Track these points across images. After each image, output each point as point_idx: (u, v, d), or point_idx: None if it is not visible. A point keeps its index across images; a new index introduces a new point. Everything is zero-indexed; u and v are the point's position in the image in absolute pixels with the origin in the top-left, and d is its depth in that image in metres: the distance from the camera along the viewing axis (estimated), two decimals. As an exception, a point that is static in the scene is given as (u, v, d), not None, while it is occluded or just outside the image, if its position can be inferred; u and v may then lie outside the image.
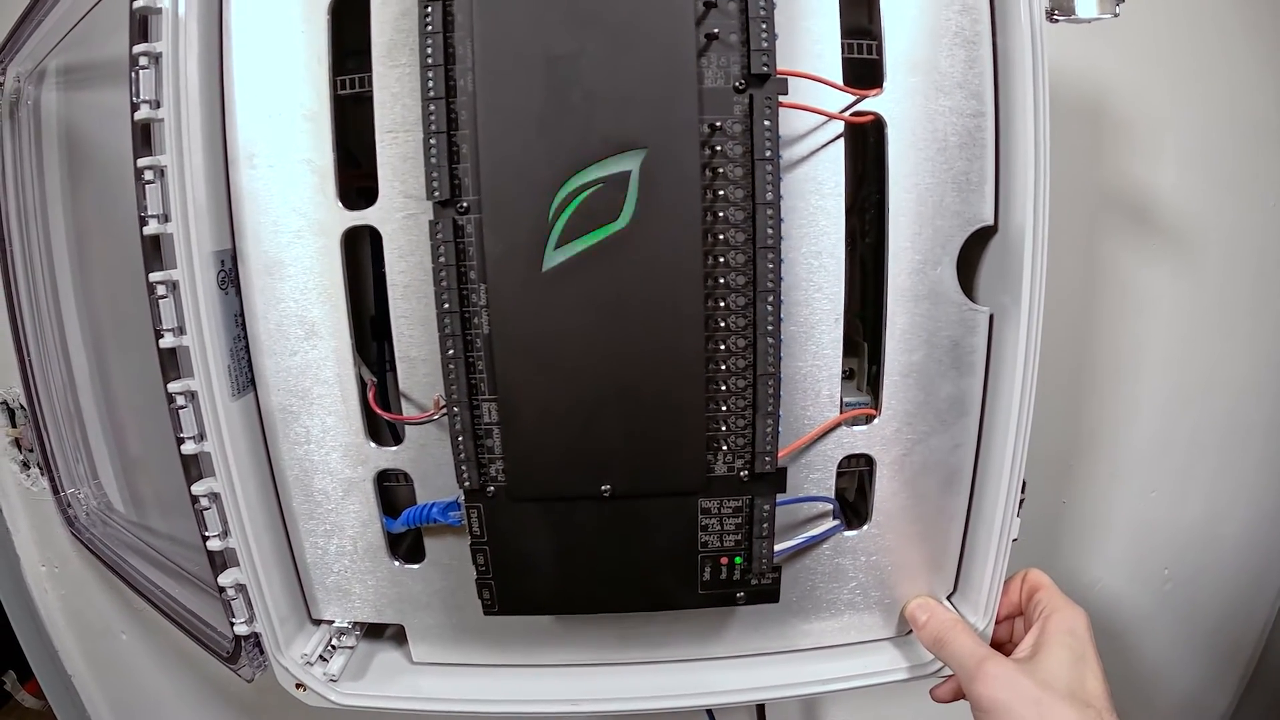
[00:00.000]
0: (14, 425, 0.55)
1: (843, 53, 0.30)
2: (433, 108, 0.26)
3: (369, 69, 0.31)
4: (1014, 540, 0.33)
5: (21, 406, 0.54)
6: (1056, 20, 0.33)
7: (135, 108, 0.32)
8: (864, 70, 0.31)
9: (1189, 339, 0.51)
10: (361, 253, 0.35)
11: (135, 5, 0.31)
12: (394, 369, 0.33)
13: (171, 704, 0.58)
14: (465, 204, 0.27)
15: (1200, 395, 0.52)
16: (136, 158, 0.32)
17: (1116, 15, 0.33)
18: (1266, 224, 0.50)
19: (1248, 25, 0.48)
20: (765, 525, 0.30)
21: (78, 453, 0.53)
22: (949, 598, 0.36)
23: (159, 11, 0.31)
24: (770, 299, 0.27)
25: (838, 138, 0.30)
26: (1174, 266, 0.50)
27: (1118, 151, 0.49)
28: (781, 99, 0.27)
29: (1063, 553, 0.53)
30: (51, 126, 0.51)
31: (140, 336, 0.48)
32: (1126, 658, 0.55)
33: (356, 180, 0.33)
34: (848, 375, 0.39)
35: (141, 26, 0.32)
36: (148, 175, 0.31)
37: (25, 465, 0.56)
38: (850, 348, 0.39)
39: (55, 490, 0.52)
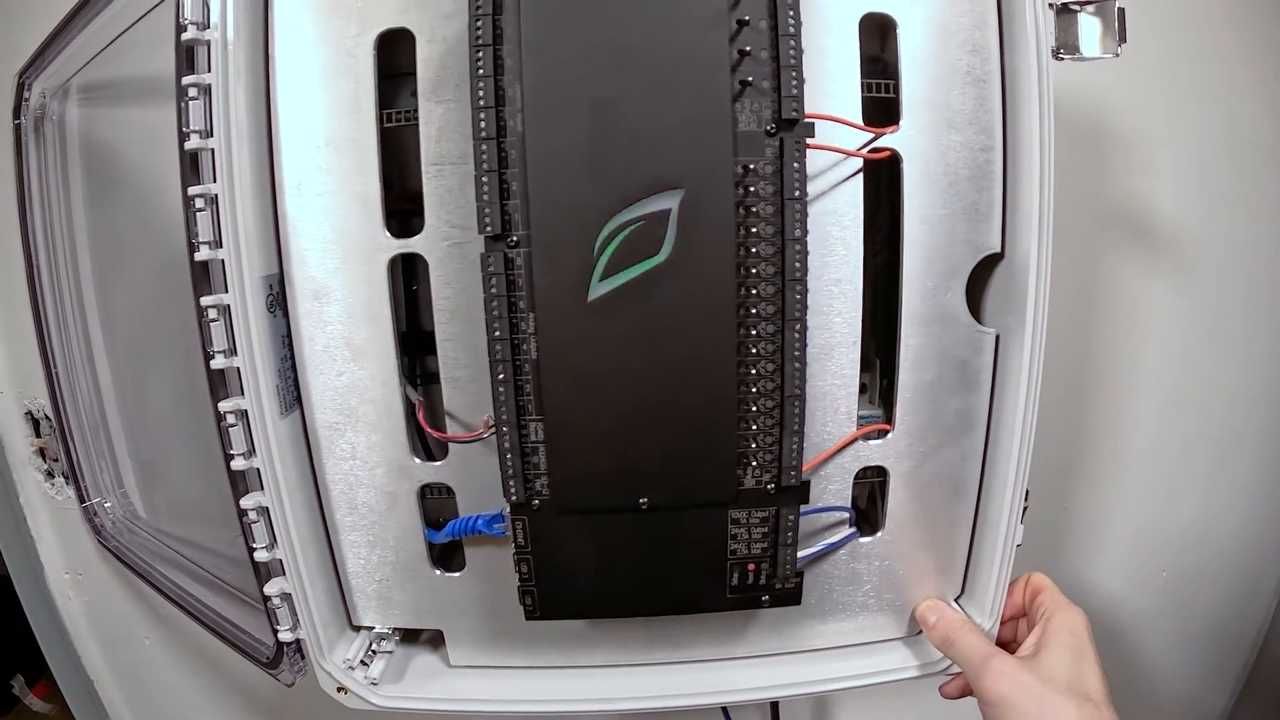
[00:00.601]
0: (38, 435, 0.56)
1: (862, 92, 0.32)
2: (484, 147, 0.28)
3: (398, 95, 0.32)
4: (1018, 545, 0.36)
5: (46, 417, 0.55)
6: (1062, 58, 0.35)
7: (185, 137, 0.33)
8: (882, 107, 0.33)
9: (1186, 348, 0.53)
10: (394, 271, 0.36)
11: (183, 37, 0.32)
12: (425, 382, 0.35)
13: (195, 708, 0.59)
14: (515, 238, 0.28)
15: (1197, 402, 0.54)
16: (186, 186, 0.33)
17: (1118, 55, 0.35)
18: (1262, 238, 0.52)
19: (1245, 46, 0.50)
20: (790, 534, 0.32)
21: (103, 462, 0.54)
22: (957, 600, 0.38)
23: (206, 44, 0.32)
24: (798, 327, 0.29)
25: (857, 173, 0.32)
26: (1172, 278, 0.52)
27: (1118, 168, 0.51)
28: (808, 141, 0.29)
29: (1064, 554, 0.55)
30: (74, 141, 0.52)
31: (165, 347, 0.50)
32: (1126, 657, 0.57)
33: (392, 202, 0.35)
34: (860, 389, 0.41)
35: (188, 57, 0.33)
36: (198, 203, 0.32)
37: (49, 474, 0.57)
38: (863, 363, 0.41)
39: (81, 499, 0.53)
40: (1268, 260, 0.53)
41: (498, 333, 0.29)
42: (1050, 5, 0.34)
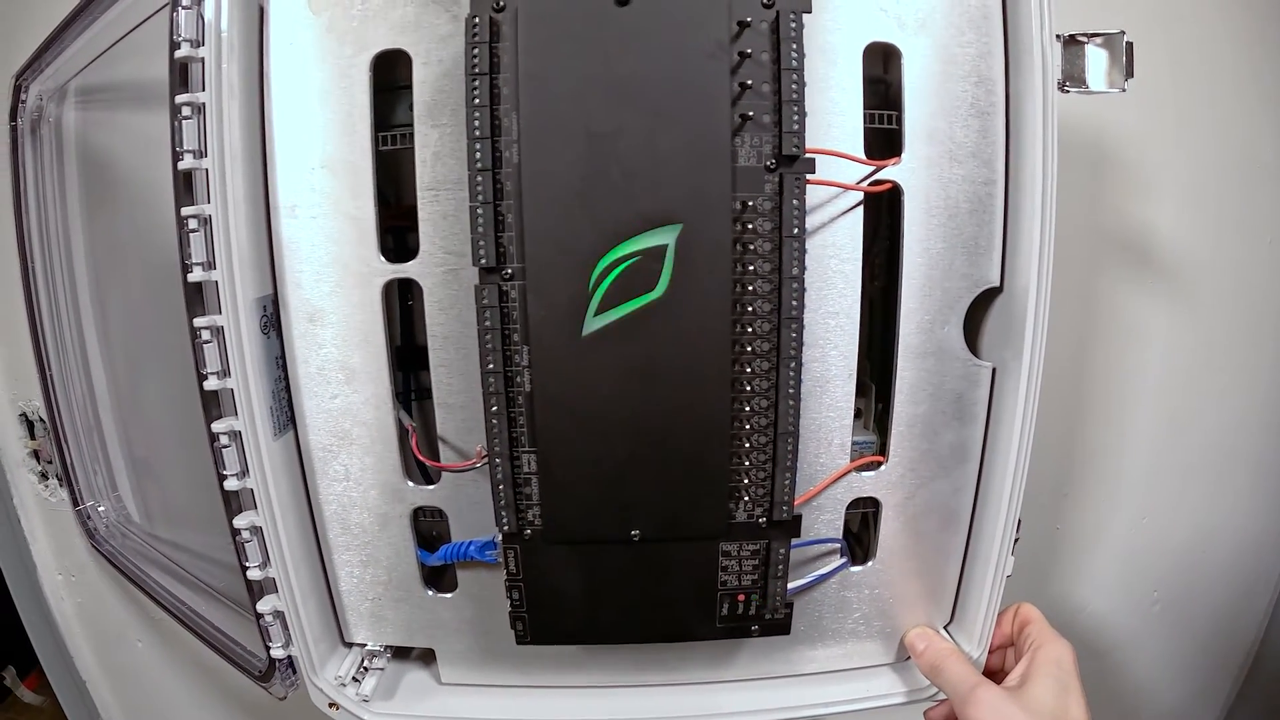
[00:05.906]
0: (33, 438, 0.56)
1: (865, 123, 0.32)
2: (480, 179, 0.28)
3: (396, 109, 0.32)
4: (1008, 576, 0.36)
5: (41, 419, 0.55)
6: (1068, 91, 0.34)
7: (178, 157, 0.32)
8: (884, 138, 0.33)
9: (1185, 371, 0.53)
10: (389, 288, 0.36)
11: (177, 55, 0.32)
12: (420, 400, 0.34)
13: (187, 711, 0.59)
14: (509, 270, 0.28)
15: (1194, 425, 0.54)
16: (179, 206, 0.32)
17: (1124, 90, 0.35)
18: (1263, 261, 0.52)
19: (1249, 67, 0.50)
20: (780, 566, 0.32)
21: (96, 465, 0.54)
22: (946, 627, 0.38)
23: (200, 61, 0.32)
24: (792, 365, 0.29)
25: (857, 205, 0.32)
26: (1172, 300, 0.52)
27: (1119, 188, 0.51)
28: (808, 176, 0.28)
29: (1055, 576, 0.56)
30: (71, 144, 0.52)
31: (160, 352, 0.49)
32: (1114, 676, 0.57)
33: (390, 219, 0.34)
34: (855, 414, 0.41)
35: (182, 75, 0.32)
36: (191, 224, 0.32)
37: (44, 476, 0.57)
38: (859, 388, 0.41)
39: (75, 503, 0.53)
40: (1268, 283, 0.53)
41: (491, 365, 0.29)
42: (1057, 37, 0.33)
